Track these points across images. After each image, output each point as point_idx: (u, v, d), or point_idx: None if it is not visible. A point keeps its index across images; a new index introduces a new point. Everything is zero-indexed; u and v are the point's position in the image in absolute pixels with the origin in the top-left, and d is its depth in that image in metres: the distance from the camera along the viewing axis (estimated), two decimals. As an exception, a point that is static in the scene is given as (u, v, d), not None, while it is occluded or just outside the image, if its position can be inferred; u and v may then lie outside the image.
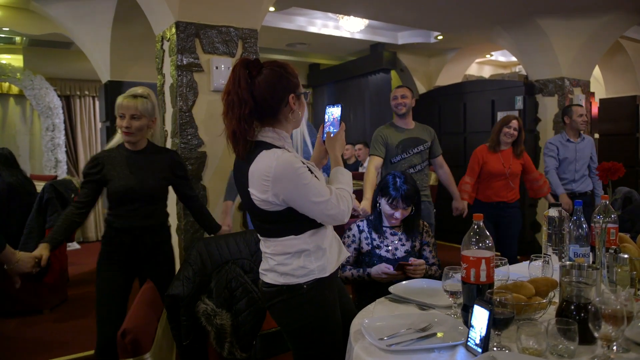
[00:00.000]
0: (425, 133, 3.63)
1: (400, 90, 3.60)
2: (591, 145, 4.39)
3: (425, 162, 3.60)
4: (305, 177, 1.54)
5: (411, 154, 3.52)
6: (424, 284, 2.01)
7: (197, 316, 1.96)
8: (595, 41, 5.57)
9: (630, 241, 1.98)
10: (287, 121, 1.66)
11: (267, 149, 1.57)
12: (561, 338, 1.26)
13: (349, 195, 1.64)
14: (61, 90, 6.85)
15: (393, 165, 3.49)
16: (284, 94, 1.61)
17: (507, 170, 3.79)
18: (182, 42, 3.01)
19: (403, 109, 3.55)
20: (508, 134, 3.78)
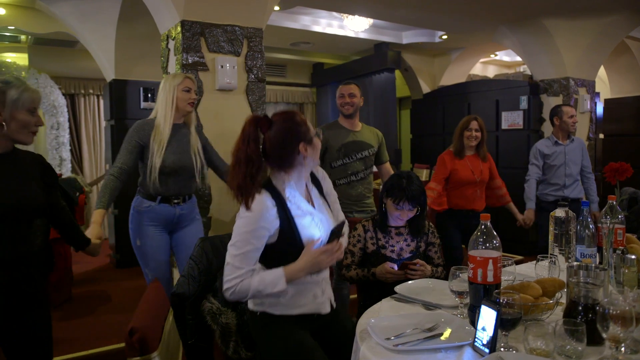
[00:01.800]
0: (372, 137, 3.30)
1: (348, 88, 3.22)
2: (582, 147, 4.18)
3: (370, 170, 3.29)
4: (241, 226, 1.65)
5: (354, 159, 3.19)
6: (430, 283, 2.00)
7: (203, 315, 1.96)
8: (600, 41, 5.55)
9: (637, 242, 1.98)
10: (302, 165, 1.75)
11: (263, 193, 1.67)
12: (569, 339, 1.25)
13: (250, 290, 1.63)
14: (66, 88, 6.86)
15: (333, 170, 3.16)
16: (295, 145, 1.70)
17: (477, 178, 3.49)
18: (187, 41, 3.01)
19: (350, 109, 3.20)
20: (470, 137, 3.46)
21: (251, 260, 1.65)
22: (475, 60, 7.70)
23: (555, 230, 1.99)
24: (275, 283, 1.64)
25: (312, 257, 1.67)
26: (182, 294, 1.96)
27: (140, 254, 2.64)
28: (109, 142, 5.46)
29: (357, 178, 3.21)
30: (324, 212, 1.83)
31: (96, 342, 3.23)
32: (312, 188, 1.87)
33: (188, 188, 2.68)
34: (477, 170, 3.50)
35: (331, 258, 1.69)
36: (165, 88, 2.61)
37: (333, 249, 1.69)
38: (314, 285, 1.77)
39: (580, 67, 5.67)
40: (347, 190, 3.17)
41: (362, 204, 3.25)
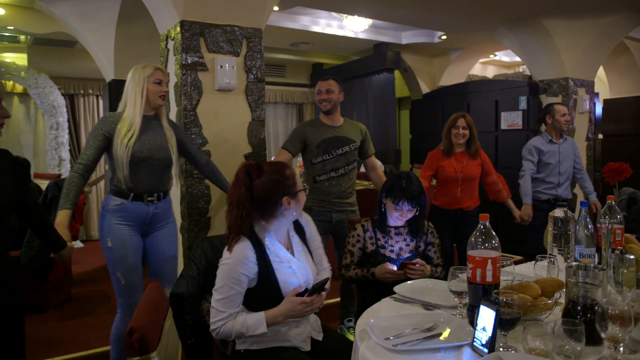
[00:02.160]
0: (354, 131, 3.21)
1: (325, 84, 3.16)
2: (574, 146, 4.22)
3: (352, 165, 3.19)
4: (222, 272, 1.76)
5: (334, 155, 3.11)
6: (429, 284, 2.01)
7: (202, 315, 1.96)
8: (599, 41, 5.55)
9: (636, 242, 1.98)
10: (283, 217, 1.86)
11: (243, 240, 1.80)
12: (568, 339, 1.25)
13: (232, 332, 1.74)
14: (65, 88, 6.86)
15: (313, 166, 3.13)
16: (279, 197, 1.82)
17: (459, 175, 3.48)
18: (186, 41, 3.01)
19: (327, 105, 3.13)
20: (458, 135, 3.48)
21: (233, 304, 1.77)
22: (474, 60, 7.71)
23: (554, 230, 2.00)
24: (257, 327, 1.74)
25: (292, 305, 1.77)
26: (181, 294, 1.96)
27: (111, 256, 2.45)
28: (108, 142, 5.45)
29: (337, 174, 3.12)
30: (303, 260, 1.93)
31: (96, 342, 3.23)
32: (294, 235, 1.98)
33: (162, 185, 2.55)
34: (460, 166, 3.49)
35: (310, 309, 1.79)
36: (134, 80, 2.47)
37: (313, 301, 1.78)
38: (293, 322, 1.86)
39: (579, 68, 5.68)
40: (327, 187, 3.11)
41: (343, 203, 3.16)
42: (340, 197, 3.14)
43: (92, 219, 7.12)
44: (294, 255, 1.92)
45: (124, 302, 2.48)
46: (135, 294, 2.45)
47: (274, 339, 1.83)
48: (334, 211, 3.12)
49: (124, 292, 2.46)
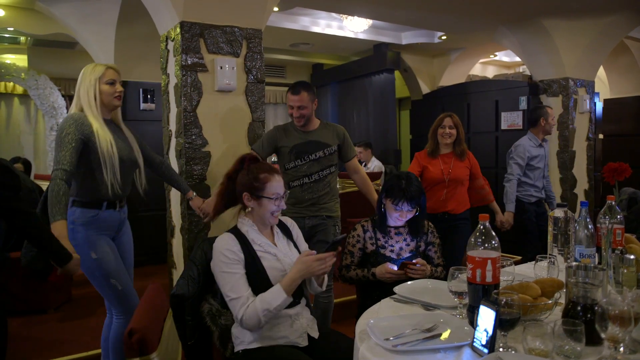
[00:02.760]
0: (330, 135, 3.00)
1: (297, 99, 2.88)
2: (548, 147, 4.22)
3: (328, 170, 2.97)
4: (224, 267, 1.82)
5: (306, 160, 2.92)
6: (429, 284, 2.00)
7: (202, 316, 1.96)
8: (599, 41, 5.55)
9: (637, 242, 1.98)
10: (251, 213, 1.97)
11: (224, 234, 1.93)
12: (568, 339, 1.25)
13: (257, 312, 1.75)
14: (65, 90, 6.86)
15: (286, 172, 2.96)
16: (241, 191, 1.95)
17: (446, 177, 3.34)
18: (186, 42, 3.02)
19: (301, 120, 2.92)
20: (444, 135, 3.36)
21: (243, 287, 1.81)
22: (474, 60, 7.71)
23: (554, 230, 1.99)
24: (277, 297, 1.76)
25: (306, 265, 1.79)
26: (181, 295, 1.95)
27: (98, 266, 2.29)
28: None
29: (311, 180, 2.92)
30: (287, 250, 2.00)
31: (96, 343, 3.21)
32: (277, 231, 2.05)
33: (129, 189, 2.47)
34: (447, 168, 3.37)
35: (324, 266, 1.80)
36: (85, 82, 2.33)
37: (327, 257, 1.80)
38: (287, 318, 1.88)
39: (579, 68, 5.68)
40: (299, 193, 2.93)
41: (317, 207, 2.95)
42: (315, 204, 2.95)
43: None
44: (277, 246, 1.98)
45: (124, 307, 2.37)
46: (133, 296, 2.42)
47: (270, 337, 1.85)
48: (307, 217, 2.95)
49: (123, 297, 2.36)
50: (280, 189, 1.94)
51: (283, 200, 1.96)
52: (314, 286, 1.97)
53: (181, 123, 3.05)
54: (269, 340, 1.85)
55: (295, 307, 1.91)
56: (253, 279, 1.85)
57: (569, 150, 5.66)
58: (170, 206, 3.39)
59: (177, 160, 3.16)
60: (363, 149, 6.34)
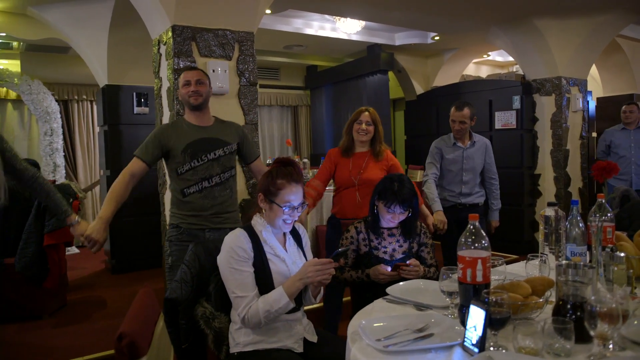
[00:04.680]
0: (228, 132, 2.67)
1: (195, 74, 2.58)
2: (484, 149, 3.72)
3: (229, 173, 2.65)
4: (234, 264, 1.81)
5: (204, 161, 2.55)
6: (421, 284, 2.01)
7: (196, 319, 1.96)
8: (592, 40, 5.59)
9: (627, 239, 1.99)
10: (265, 213, 1.94)
11: (237, 230, 1.92)
12: (557, 337, 1.26)
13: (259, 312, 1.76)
14: (59, 94, 6.85)
15: (180, 177, 2.55)
16: (259, 190, 1.95)
17: (355, 179, 2.96)
18: (178, 45, 3.02)
19: (199, 98, 2.56)
20: (360, 131, 2.99)
21: (249, 286, 1.81)
22: (468, 60, 7.73)
23: (545, 229, 2.00)
24: (279, 299, 1.77)
25: (305, 268, 1.79)
26: (174, 299, 1.96)
27: None
28: (102, 147, 5.45)
29: (210, 184, 2.57)
30: (296, 257, 1.99)
31: (92, 348, 3.22)
32: (289, 237, 2.03)
33: None
34: (357, 169, 2.99)
35: (320, 273, 1.77)
36: None
37: (325, 265, 1.78)
38: (285, 323, 1.88)
39: (572, 66, 5.71)
40: (199, 200, 2.56)
41: (221, 217, 2.62)
42: (217, 212, 2.60)
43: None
44: (287, 251, 1.97)
45: None
46: None
47: (266, 341, 1.84)
48: (208, 229, 2.59)
49: None
50: (295, 200, 1.89)
51: (298, 211, 1.92)
52: (308, 296, 1.95)
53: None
54: (264, 344, 1.84)
55: (294, 313, 1.91)
56: (257, 281, 1.85)
57: (563, 149, 5.69)
58: (165, 209, 3.39)
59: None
60: None
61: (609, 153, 5.25)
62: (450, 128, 3.68)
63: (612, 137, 5.19)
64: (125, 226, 5.14)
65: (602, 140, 5.34)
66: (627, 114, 5.12)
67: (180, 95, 2.61)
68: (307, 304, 2.00)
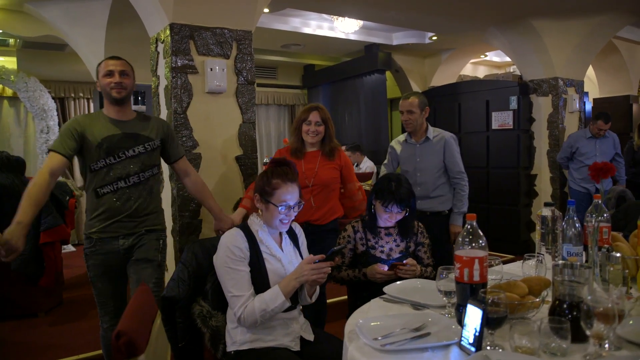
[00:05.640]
0: (152, 128, 2.44)
1: (118, 63, 2.37)
2: (442, 145, 3.25)
3: (150, 172, 2.41)
4: (231, 263, 1.83)
5: (122, 158, 2.31)
6: (418, 284, 2.02)
7: (193, 318, 1.96)
8: (588, 41, 5.61)
9: (623, 240, 2.00)
10: (262, 213, 1.96)
11: (234, 229, 1.95)
12: (554, 336, 1.27)
13: (255, 312, 1.78)
14: (55, 92, 6.83)
15: (94, 173, 2.31)
16: (256, 190, 1.96)
17: (309, 182, 2.74)
18: (176, 43, 3.01)
19: (122, 92, 2.35)
20: (310, 133, 2.77)
21: (246, 285, 1.83)
22: (465, 60, 7.75)
23: (542, 229, 2.01)
24: (275, 298, 1.78)
25: (300, 269, 1.81)
26: (172, 297, 1.96)
27: None
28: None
29: (127, 184, 2.33)
30: (292, 257, 1.99)
31: (88, 346, 3.22)
32: (286, 237, 2.04)
33: None
34: (311, 171, 2.77)
35: (317, 275, 1.78)
36: None
37: (321, 267, 1.79)
38: (282, 322, 1.89)
39: (568, 67, 5.73)
40: (112, 203, 2.32)
41: (135, 222, 2.36)
42: (133, 216, 2.36)
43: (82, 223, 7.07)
44: (283, 251, 1.98)
45: None
46: None
47: (263, 340, 1.85)
48: (122, 235, 2.34)
49: None
50: (291, 199, 1.91)
51: (294, 210, 1.94)
52: (303, 296, 1.95)
53: (171, 125, 3.05)
54: (261, 343, 1.85)
55: (291, 312, 1.91)
56: (253, 281, 1.86)
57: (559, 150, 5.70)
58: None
59: (168, 162, 3.15)
60: (351, 152, 6.31)
61: (572, 159, 5.13)
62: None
63: (579, 144, 5.03)
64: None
65: (568, 146, 5.17)
66: (599, 131, 4.94)
67: (100, 86, 2.37)
68: (302, 303, 2.00)
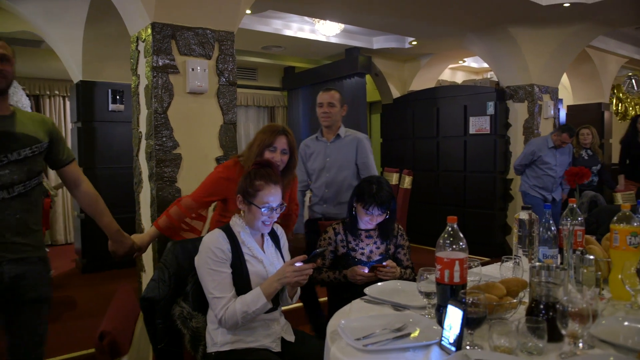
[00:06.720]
0: (36, 127, 1.97)
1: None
2: (354, 145, 3.05)
3: (36, 180, 1.96)
4: (212, 265, 1.82)
5: (4, 162, 1.84)
6: (399, 285, 2.04)
7: (173, 319, 1.95)
8: (563, 50, 5.75)
9: (596, 243, 2.06)
10: (244, 215, 1.95)
11: (215, 231, 1.93)
12: (531, 336, 1.30)
13: (237, 313, 1.78)
14: (30, 89, 6.68)
15: None
16: (238, 191, 1.95)
17: None
18: (157, 43, 2.99)
19: (2, 81, 2.00)
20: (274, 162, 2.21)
21: (228, 287, 1.83)
22: (444, 66, 7.86)
23: (519, 232, 2.06)
24: (256, 300, 1.78)
25: (282, 271, 1.81)
26: (152, 298, 1.94)
27: None
28: (75, 144, 5.34)
29: (10, 195, 1.85)
30: (274, 259, 2.00)
31: (61, 349, 3.16)
32: (267, 238, 2.04)
33: None
34: None
35: (298, 274, 1.80)
36: None
37: (303, 268, 1.80)
38: (263, 323, 1.89)
39: (544, 74, 5.86)
40: None
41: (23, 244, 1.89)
42: (18, 234, 1.88)
43: (57, 223, 6.96)
44: (265, 252, 1.98)
45: None
46: None
47: (244, 341, 1.85)
48: (7, 260, 1.85)
49: None
50: (274, 201, 1.90)
51: (276, 212, 1.93)
52: (284, 297, 1.96)
53: (152, 125, 3.02)
54: (242, 344, 1.85)
55: (272, 313, 1.92)
56: (235, 282, 1.86)
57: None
58: (140, 208, 3.35)
59: (148, 162, 3.12)
60: None
61: (530, 166, 5.03)
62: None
63: (541, 153, 4.92)
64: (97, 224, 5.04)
65: (530, 153, 4.97)
66: (562, 143, 4.82)
67: None
68: (283, 305, 2.00)
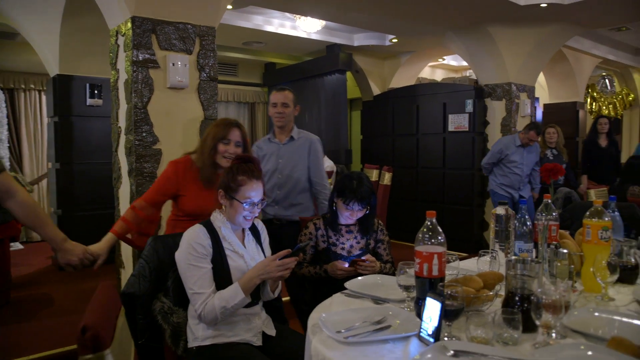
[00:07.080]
0: None
1: None
2: (307, 148, 3.00)
3: None
4: (192, 260, 1.82)
5: None
6: (379, 279, 2.07)
7: (154, 314, 1.94)
8: (540, 49, 5.86)
9: (570, 237, 2.12)
10: (225, 210, 1.95)
11: (196, 226, 1.92)
12: (506, 327, 1.34)
13: (215, 309, 1.78)
14: (4, 82, 6.54)
15: None
16: (220, 186, 1.95)
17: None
18: (138, 37, 2.97)
19: None
20: (227, 156, 2.28)
21: (207, 282, 1.82)
22: (424, 63, 7.93)
23: (496, 227, 2.11)
24: (234, 296, 1.78)
25: (263, 265, 1.83)
26: (132, 294, 1.93)
27: None
28: (52, 139, 5.26)
29: None
30: (255, 253, 2.00)
31: (38, 347, 3.12)
32: (248, 233, 2.04)
33: None
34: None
35: (282, 272, 1.82)
36: None
37: (286, 262, 1.82)
38: (243, 317, 1.90)
39: (521, 73, 5.97)
40: None
41: None
42: None
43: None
44: (246, 247, 1.98)
45: None
46: None
47: (225, 335, 1.86)
48: None
49: None
50: (255, 196, 1.91)
51: (258, 207, 1.94)
52: (266, 291, 1.97)
53: (131, 120, 3.00)
54: (223, 338, 1.86)
55: (253, 307, 1.93)
56: (216, 277, 1.86)
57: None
58: (119, 204, 3.32)
59: (127, 157, 3.09)
60: None
61: (498, 164, 5.11)
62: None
63: (508, 151, 5.02)
64: (76, 221, 4.98)
65: (498, 152, 5.06)
66: (529, 141, 4.96)
67: None
68: (265, 299, 2.02)
